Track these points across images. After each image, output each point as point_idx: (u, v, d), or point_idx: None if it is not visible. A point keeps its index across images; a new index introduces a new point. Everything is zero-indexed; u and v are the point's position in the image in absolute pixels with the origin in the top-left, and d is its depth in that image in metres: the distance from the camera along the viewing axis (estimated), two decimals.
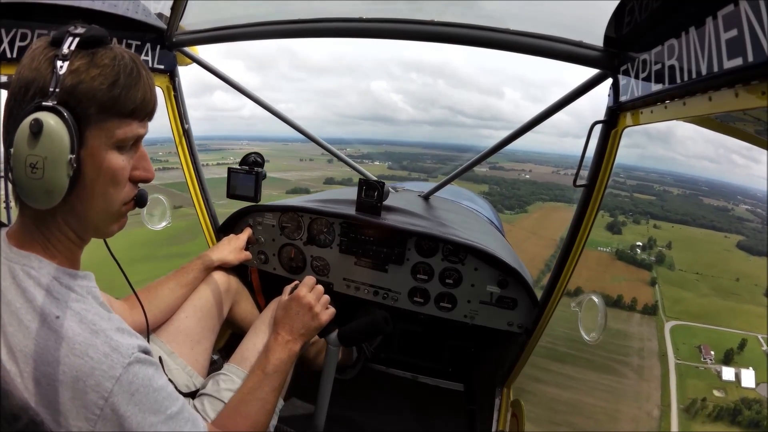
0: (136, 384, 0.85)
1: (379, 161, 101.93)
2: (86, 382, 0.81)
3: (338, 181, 66.35)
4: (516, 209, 70.78)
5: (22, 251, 0.89)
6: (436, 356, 2.63)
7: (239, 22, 1.83)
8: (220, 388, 1.48)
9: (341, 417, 1.96)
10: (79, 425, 0.81)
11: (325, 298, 1.56)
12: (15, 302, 0.84)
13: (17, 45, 1.65)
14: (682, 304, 40.87)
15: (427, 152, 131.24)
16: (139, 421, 0.85)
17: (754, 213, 62.51)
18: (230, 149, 33.80)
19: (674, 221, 61.30)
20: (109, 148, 0.88)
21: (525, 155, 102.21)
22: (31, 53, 0.85)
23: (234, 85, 2.12)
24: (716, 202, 68.37)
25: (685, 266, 48.63)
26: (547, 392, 24.46)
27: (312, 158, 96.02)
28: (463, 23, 1.49)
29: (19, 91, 0.83)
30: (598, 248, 48.98)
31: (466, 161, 2.32)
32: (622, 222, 57.98)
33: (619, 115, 1.41)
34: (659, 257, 49.74)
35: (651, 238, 53.34)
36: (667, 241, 52.94)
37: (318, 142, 2.43)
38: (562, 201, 71.69)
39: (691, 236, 57.33)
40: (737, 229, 58.01)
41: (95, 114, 0.85)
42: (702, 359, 33.08)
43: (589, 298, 1.61)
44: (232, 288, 1.86)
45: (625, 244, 52.03)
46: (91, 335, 0.84)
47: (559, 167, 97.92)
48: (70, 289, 0.89)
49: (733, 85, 0.84)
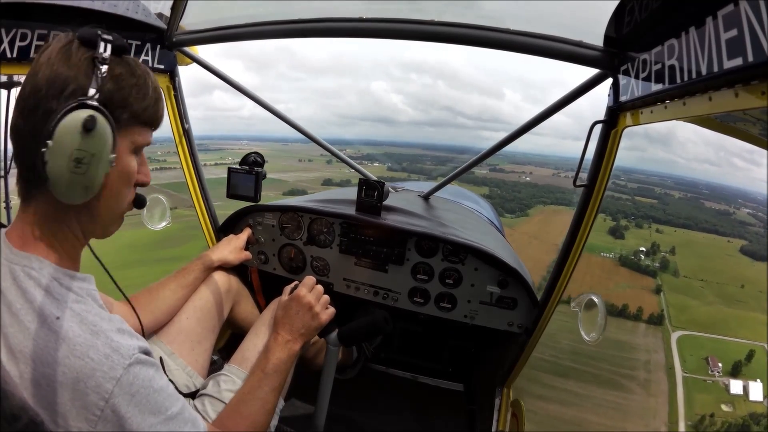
0: (136, 385, 0.85)
1: (379, 162, 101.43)
2: (87, 383, 0.81)
3: (336, 183, 65.81)
4: (517, 212, 70.01)
5: (23, 252, 0.89)
6: (436, 356, 2.63)
7: (239, 22, 1.83)
8: (221, 388, 1.48)
9: (341, 417, 1.96)
10: (80, 426, 0.81)
11: (325, 298, 1.56)
12: (15, 303, 0.84)
13: (17, 45, 1.65)
14: (688, 313, 39.94)
15: (428, 153, 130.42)
16: (139, 422, 0.85)
17: (755, 217, 61.67)
18: (229, 149, 33.73)
19: (677, 225, 60.40)
20: (128, 151, 0.95)
21: (525, 157, 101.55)
22: (64, 50, 0.86)
23: (234, 85, 2.12)
24: (717, 205, 67.54)
25: (689, 273, 47.54)
26: (549, 410, 23.33)
27: (311, 159, 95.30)
28: (463, 23, 1.49)
29: (50, 87, 0.84)
30: (601, 254, 47.79)
31: (466, 162, 2.32)
32: (624, 226, 57.05)
33: (619, 115, 1.41)
34: (663, 263, 48.64)
35: (654, 243, 52.25)
36: (670, 246, 51.88)
37: (318, 141, 2.43)
38: (563, 204, 70.80)
39: (695, 241, 56.31)
40: (740, 234, 57.14)
41: (126, 119, 0.91)
42: (710, 372, 32.16)
43: (589, 298, 1.61)
44: (232, 288, 1.86)
45: (629, 250, 50.98)
46: (91, 336, 0.84)
47: (559, 169, 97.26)
48: (71, 290, 0.89)
49: (733, 85, 0.84)
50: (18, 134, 0.87)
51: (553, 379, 24.82)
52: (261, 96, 2.16)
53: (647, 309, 38.66)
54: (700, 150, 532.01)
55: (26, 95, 0.85)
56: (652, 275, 46.46)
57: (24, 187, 0.91)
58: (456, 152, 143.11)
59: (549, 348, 25.45)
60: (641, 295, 42.15)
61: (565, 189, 74.99)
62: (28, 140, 0.84)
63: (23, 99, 0.86)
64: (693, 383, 31.22)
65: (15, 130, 0.87)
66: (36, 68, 0.85)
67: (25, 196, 0.91)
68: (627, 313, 37.89)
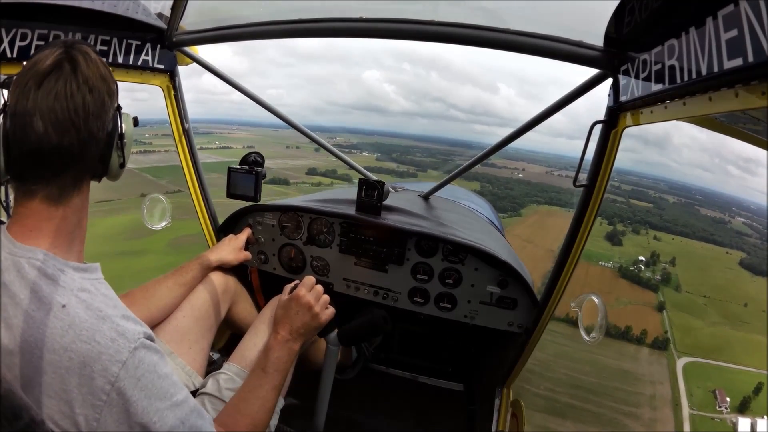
0: (142, 369, 0.86)
1: (368, 152, 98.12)
2: (93, 368, 0.82)
3: (321, 172, 63.72)
4: (509, 212, 66.58)
5: (26, 245, 0.89)
6: (436, 356, 2.63)
7: (239, 22, 1.83)
8: (221, 387, 1.49)
9: (341, 417, 1.95)
10: (86, 413, 0.82)
11: (325, 298, 1.57)
12: (20, 294, 0.85)
13: (17, 45, 1.65)
14: (692, 336, 38.07)
15: (419, 145, 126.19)
16: (145, 405, 0.86)
17: (751, 227, 60.06)
18: (218, 133, 32.81)
19: (674, 232, 58.63)
20: None
21: (517, 153, 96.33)
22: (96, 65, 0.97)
23: (234, 85, 2.12)
24: (713, 212, 65.85)
25: (691, 287, 45.51)
26: None
27: (299, 146, 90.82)
28: (463, 23, 1.49)
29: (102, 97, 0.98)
30: (600, 263, 45.68)
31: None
32: (621, 231, 55.20)
33: (619, 115, 1.41)
34: (665, 276, 46.51)
35: (654, 252, 50.31)
36: (670, 257, 49.88)
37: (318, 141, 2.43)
38: (557, 205, 67.70)
39: (693, 251, 54.39)
40: (738, 245, 55.35)
41: None
42: (717, 407, 30.27)
43: (589, 298, 1.61)
44: (230, 288, 1.86)
45: (627, 259, 48.89)
46: (97, 321, 0.86)
47: (552, 167, 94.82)
48: (75, 279, 0.90)
49: (733, 85, 0.84)
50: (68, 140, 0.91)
51: (547, 418, 21.87)
52: (249, 81, 2.16)
53: (651, 330, 36.35)
54: (694, 155, 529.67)
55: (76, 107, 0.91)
56: (654, 289, 44.47)
57: (26, 183, 0.91)
58: (449, 145, 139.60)
59: (545, 379, 23.01)
60: (643, 312, 40.00)
61: (560, 188, 72.27)
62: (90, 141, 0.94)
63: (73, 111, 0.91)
64: (700, 422, 28.88)
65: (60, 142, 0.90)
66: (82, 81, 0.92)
67: (25, 192, 0.91)
68: (630, 336, 35.63)
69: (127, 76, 1.89)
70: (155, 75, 1.96)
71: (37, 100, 0.87)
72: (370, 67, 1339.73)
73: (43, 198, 0.91)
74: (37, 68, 0.88)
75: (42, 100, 0.87)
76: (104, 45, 1.79)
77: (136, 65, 1.89)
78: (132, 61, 1.87)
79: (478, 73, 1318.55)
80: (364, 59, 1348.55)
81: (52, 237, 0.92)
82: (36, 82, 0.87)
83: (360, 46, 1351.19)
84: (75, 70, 0.90)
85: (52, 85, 0.88)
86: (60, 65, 0.89)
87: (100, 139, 0.95)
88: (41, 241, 0.91)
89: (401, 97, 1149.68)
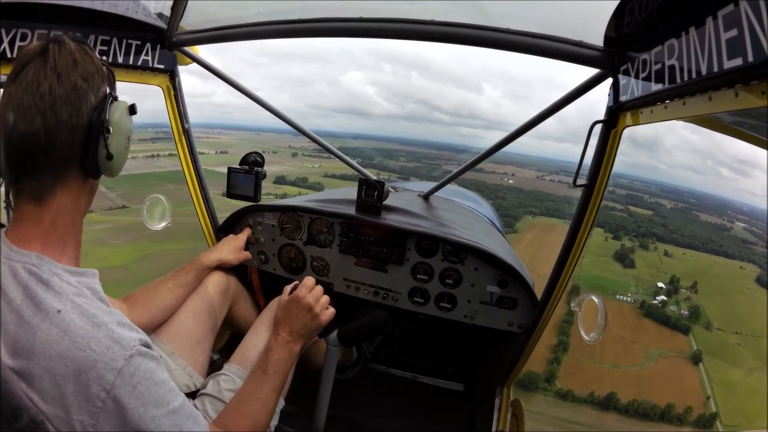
0: (138, 376, 0.86)
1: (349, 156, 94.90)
2: (89, 375, 0.81)
3: (291, 181, 60.50)
4: (504, 228, 59.27)
5: (23, 250, 0.89)
6: (436, 356, 2.63)
7: (239, 22, 1.83)
8: (221, 388, 1.48)
9: (341, 417, 1.95)
10: (82, 419, 0.82)
11: (325, 299, 1.56)
12: (16, 299, 0.85)
13: (17, 45, 1.65)
14: (736, 396, 28.20)
15: (403, 149, 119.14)
16: (141, 413, 0.85)
17: (753, 233, 53.94)
18: (197, 138, 31.83)
19: (682, 245, 51.01)
20: None
21: (505, 156, 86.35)
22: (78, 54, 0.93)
23: (234, 85, 2.12)
24: (711, 218, 59.57)
25: (720, 321, 35.58)
26: None
27: (276, 150, 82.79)
28: (463, 23, 1.49)
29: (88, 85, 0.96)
30: (617, 296, 36.49)
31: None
32: (630, 249, 47.18)
33: (619, 115, 1.41)
34: (692, 310, 36.31)
35: (673, 278, 40.93)
36: (688, 279, 40.56)
37: (317, 140, 2.43)
38: (555, 216, 58.76)
39: (707, 269, 45.95)
40: (748, 257, 47.97)
41: None
42: None
43: (590, 298, 1.61)
44: (230, 288, 1.86)
45: (645, 287, 39.03)
46: (92, 328, 0.85)
47: (542, 171, 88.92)
48: (71, 284, 0.90)
49: (733, 85, 0.84)
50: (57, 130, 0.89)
51: None
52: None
53: (691, 398, 27.09)
54: (684, 157, 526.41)
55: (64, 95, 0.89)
56: (684, 331, 34.53)
57: (16, 182, 0.91)
58: (434, 148, 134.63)
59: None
60: (679, 368, 30.75)
61: (555, 197, 65.39)
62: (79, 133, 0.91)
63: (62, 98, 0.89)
64: None
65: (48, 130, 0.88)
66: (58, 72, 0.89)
67: (16, 193, 0.92)
68: (671, 416, 25.63)
69: (127, 76, 1.89)
70: (155, 75, 1.96)
71: (10, 94, 0.87)
72: (350, 67, 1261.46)
73: (30, 197, 0.91)
74: (16, 64, 0.89)
75: (14, 93, 0.87)
76: (104, 45, 1.79)
77: (136, 65, 1.89)
78: (132, 61, 1.87)
79: (461, 73, 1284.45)
80: (339, 57, 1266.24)
81: (42, 239, 0.91)
82: (11, 78, 0.88)
83: (337, 44, 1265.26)
84: (45, 59, 0.89)
85: (22, 77, 0.88)
86: (33, 57, 0.89)
87: (76, 126, 0.90)
88: (33, 244, 0.90)
89: (383, 99, 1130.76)
